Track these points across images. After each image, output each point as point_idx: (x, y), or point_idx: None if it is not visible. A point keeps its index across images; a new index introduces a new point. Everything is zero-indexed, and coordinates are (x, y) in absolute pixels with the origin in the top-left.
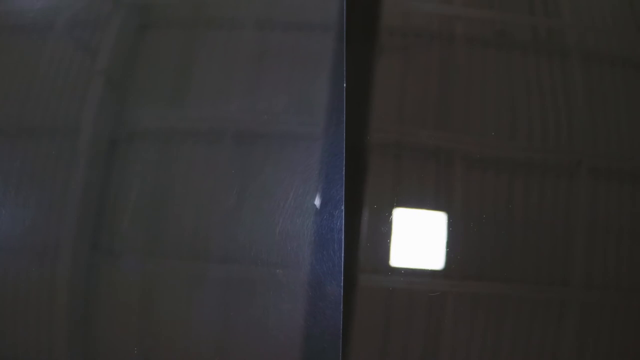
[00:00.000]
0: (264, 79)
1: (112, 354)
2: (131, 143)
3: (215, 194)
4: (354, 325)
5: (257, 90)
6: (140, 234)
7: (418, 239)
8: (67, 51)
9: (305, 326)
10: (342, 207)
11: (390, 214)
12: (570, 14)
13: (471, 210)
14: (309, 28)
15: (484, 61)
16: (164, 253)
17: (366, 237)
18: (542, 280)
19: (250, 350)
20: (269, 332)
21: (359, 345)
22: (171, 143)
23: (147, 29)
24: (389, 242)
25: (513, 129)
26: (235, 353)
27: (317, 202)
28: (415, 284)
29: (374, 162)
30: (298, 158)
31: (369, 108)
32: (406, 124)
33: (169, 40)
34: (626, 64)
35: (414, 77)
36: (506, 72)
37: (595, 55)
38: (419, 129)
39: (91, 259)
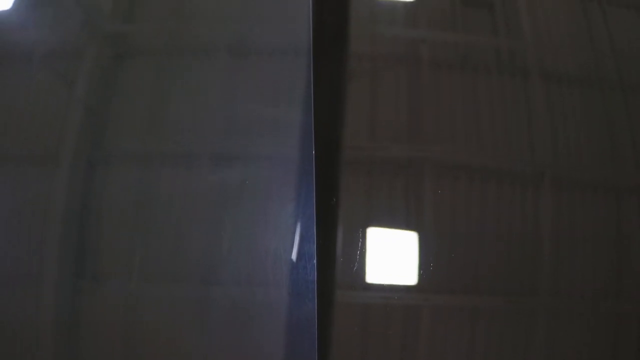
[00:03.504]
0: (237, 106)
1: None
2: (109, 169)
3: (193, 221)
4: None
5: (230, 117)
6: (122, 259)
7: (391, 257)
8: (46, 82)
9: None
10: (314, 234)
11: (363, 234)
12: (530, 35)
13: (442, 225)
14: (281, 54)
15: (450, 80)
16: (145, 277)
17: (340, 256)
18: (512, 291)
19: None
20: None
21: None
22: (149, 169)
23: (124, 58)
24: (363, 262)
25: (480, 145)
26: None
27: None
28: (390, 301)
29: (345, 180)
30: (272, 181)
31: (340, 130)
32: (377, 142)
33: (146, 68)
34: (583, 82)
35: (383, 100)
36: (471, 90)
37: (554, 74)
38: (390, 147)
39: (74, 285)
